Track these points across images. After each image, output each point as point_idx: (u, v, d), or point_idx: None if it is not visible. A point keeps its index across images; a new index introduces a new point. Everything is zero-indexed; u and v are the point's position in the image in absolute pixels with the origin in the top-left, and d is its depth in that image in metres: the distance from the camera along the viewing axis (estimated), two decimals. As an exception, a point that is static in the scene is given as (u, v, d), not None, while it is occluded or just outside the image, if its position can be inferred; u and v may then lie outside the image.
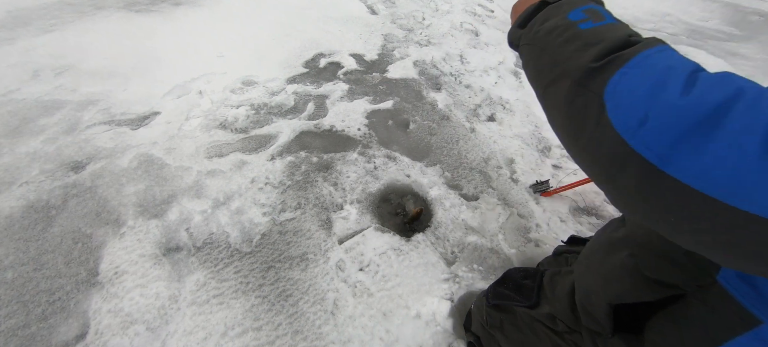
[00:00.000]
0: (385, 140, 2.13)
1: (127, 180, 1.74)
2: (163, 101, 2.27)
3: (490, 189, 1.89)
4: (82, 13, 3.19)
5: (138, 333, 1.25)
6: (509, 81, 2.89)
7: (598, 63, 0.39)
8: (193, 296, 1.35)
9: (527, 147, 2.21)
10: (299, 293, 1.38)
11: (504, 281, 0.95)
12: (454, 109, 2.47)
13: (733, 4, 5.54)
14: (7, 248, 1.44)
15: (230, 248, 1.50)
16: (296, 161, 1.91)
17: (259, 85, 2.48)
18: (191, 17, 3.28)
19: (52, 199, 1.64)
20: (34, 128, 1.99)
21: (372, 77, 2.71)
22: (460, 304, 1.38)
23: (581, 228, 1.75)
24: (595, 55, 0.40)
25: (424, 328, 1.31)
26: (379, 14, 3.79)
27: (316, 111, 2.30)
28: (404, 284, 1.43)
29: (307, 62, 2.80)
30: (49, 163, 1.80)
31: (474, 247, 1.59)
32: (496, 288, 0.95)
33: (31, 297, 1.31)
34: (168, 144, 1.95)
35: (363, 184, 1.82)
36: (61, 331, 1.24)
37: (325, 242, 1.55)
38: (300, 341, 1.26)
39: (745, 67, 3.63)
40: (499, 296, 0.92)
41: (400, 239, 1.58)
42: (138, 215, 1.60)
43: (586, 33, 0.43)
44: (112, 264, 1.42)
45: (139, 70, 2.52)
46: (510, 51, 3.35)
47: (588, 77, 0.39)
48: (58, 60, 2.55)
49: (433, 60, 3.04)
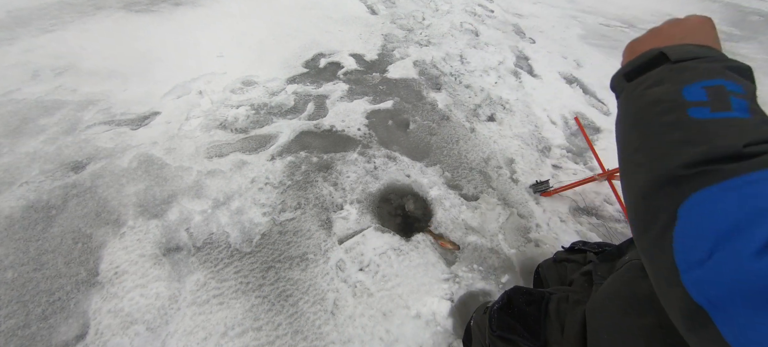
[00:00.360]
0: (385, 140, 2.13)
1: (127, 180, 1.74)
2: (163, 101, 2.27)
3: (490, 189, 1.89)
4: (82, 13, 3.19)
5: (138, 333, 1.25)
6: (509, 81, 2.89)
7: (689, 171, 0.32)
8: (193, 296, 1.35)
9: (527, 147, 2.21)
10: (299, 293, 1.38)
11: (508, 305, 0.89)
12: (454, 109, 2.47)
13: (733, 4, 5.54)
14: (7, 248, 1.44)
15: (230, 248, 1.50)
16: (296, 161, 1.92)
17: (259, 86, 2.48)
18: (191, 17, 3.28)
19: (52, 199, 1.64)
20: (34, 128, 1.99)
21: (372, 77, 2.71)
22: (460, 304, 1.38)
23: (581, 228, 1.75)
24: (689, 161, 0.32)
25: (424, 328, 1.31)
26: (379, 14, 3.79)
27: (316, 111, 2.30)
28: (404, 284, 1.43)
29: (307, 62, 2.80)
30: (49, 163, 1.80)
31: (474, 247, 1.59)
32: (500, 314, 0.89)
33: (31, 297, 1.31)
34: (168, 144, 1.95)
35: (363, 184, 1.82)
36: (61, 331, 1.24)
37: (325, 242, 1.55)
38: (300, 341, 1.26)
39: (745, 67, 3.63)
40: (504, 326, 0.87)
41: (400, 240, 1.58)
42: (138, 215, 1.60)
43: (695, 125, 0.34)
44: (112, 264, 1.42)
45: (139, 70, 2.52)
46: (510, 51, 3.35)
47: (671, 183, 0.33)
48: (58, 60, 2.55)
49: (433, 60, 3.04)
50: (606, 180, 1.79)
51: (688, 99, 0.35)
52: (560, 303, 0.81)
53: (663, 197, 0.33)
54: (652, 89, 0.39)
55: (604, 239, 1.72)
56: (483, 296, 1.43)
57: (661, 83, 0.39)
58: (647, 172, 0.35)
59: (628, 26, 4.38)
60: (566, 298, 0.81)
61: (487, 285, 1.46)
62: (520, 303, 0.88)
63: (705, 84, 0.35)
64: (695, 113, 0.34)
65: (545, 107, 2.61)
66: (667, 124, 0.36)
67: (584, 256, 1.04)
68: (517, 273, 1.52)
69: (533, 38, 3.72)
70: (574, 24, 4.21)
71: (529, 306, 0.85)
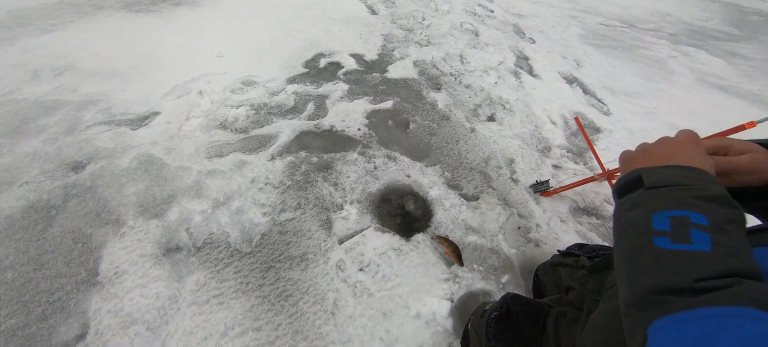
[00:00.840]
0: (385, 140, 2.13)
1: (127, 180, 1.74)
2: (163, 101, 2.27)
3: (490, 189, 1.89)
4: (82, 13, 3.19)
5: (138, 333, 1.25)
6: (509, 81, 2.89)
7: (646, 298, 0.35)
8: (193, 296, 1.35)
9: (527, 147, 2.21)
10: (299, 293, 1.38)
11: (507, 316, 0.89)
12: (454, 109, 2.47)
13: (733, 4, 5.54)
14: (7, 248, 1.44)
15: (230, 249, 1.50)
16: (296, 161, 1.91)
17: (259, 86, 2.48)
18: (191, 17, 3.28)
19: (52, 199, 1.64)
20: (34, 128, 1.99)
21: (372, 77, 2.71)
22: (460, 304, 1.38)
23: (581, 228, 1.75)
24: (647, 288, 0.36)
25: (424, 328, 1.31)
26: (379, 14, 3.79)
27: (316, 111, 2.30)
28: (404, 284, 1.43)
29: (307, 62, 2.80)
30: (49, 163, 1.80)
31: (474, 247, 1.59)
32: (497, 326, 0.89)
33: (31, 297, 1.31)
34: (168, 144, 1.95)
35: (363, 184, 1.82)
36: (61, 331, 1.24)
37: (325, 242, 1.55)
38: (300, 341, 1.26)
39: (745, 67, 3.63)
40: (499, 339, 0.87)
41: (400, 240, 1.58)
42: (138, 215, 1.59)
43: (656, 254, 0.37)
44: (112, 263, 1.42)
45: (139, 70, 2.52)
46: (510, 51, 3.35)
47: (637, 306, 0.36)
48: (58, 60, 2.55)
49: (433, 60, 3.04)
50: (606, 180, 1.79)
51: (654, 227, 0.38)
52: (559, 318, 0.81)
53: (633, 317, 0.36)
54: (629, 212, 0.43)
55: (604, 239, 1.72)
56: (483, 296, 1.43)
57: (636, 207, 0.42)
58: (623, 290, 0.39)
59: (628, 26, 4.38)
60: (564, 314, 0.81)
61: (487, 285, 1.46)
62: (519, 313, 0.87)
63: (671, 214, 0.38)
64: (658, 242, 0.37)
65: (545, 107, 2.61)
66: (636, 249, 0.39)
67: (577, 260, 1.04)
68: (517, 273, 1.52)
69: (533, 38, 3.72)
70: (574, 24, 4.21)
71: (527, 319, 0.85)
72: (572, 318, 0.79)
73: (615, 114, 2.63)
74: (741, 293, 0.31)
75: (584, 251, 1.08)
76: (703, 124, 2.58)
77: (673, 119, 2.64)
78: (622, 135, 2.40)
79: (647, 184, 0.43)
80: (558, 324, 0.80)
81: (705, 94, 3.05)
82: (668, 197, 0.40)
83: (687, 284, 0.33)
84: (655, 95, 2.93)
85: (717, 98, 3.00)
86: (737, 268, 0.34)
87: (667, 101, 2.86)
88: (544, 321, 0.82)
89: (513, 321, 0.87)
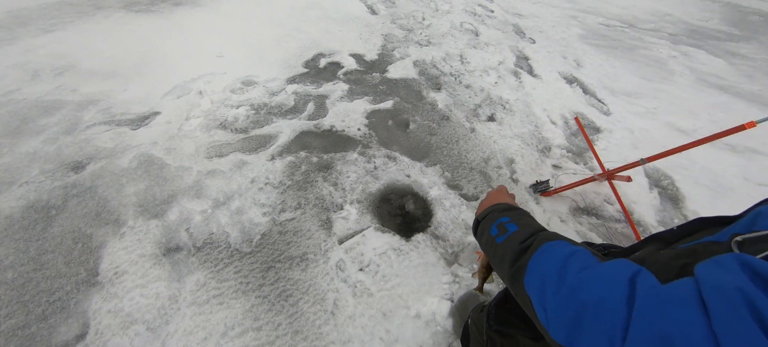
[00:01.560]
0: (385, 140, 2.13)
1: (127, 180, 1.74)
2: (163, 101, 2.27)
3: (490, 189, 1.88)
4: (82, 13, 3.19)
5: (138, 333, 1.25)
6: (509, 81, 2.89)
7: (512, 269, 0.56)
8: (193, 296, 1.35)
9: (527, 147, 2.21)
10: (299, 293, 1.38)
11: (506, 301, 0.91)
12: (454, 109, 2.47)
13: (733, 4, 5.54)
14: (7, 248, 1.44)
15: (230, 249, 1.50)
16: (296, 161, 1.91)
17: (259, 86, 2.48)
18: (191, 17, 3.28)
19: (52, 199, 1.64)
20: (34, 128, 1.99)
21: (372, 77, 2.71)
22: (460, 304, 1.38)
23: (581, 228, 1.75)
24: (509, 267, 0.57)
25: (424, 328, 1.31)
26: (379, 14, 3.79)
27: (316, 111, 2.30)
28: (404, 284, 1.43)
29: (307, 62, 2.80)
30: (49, 163, 1.80)
31: (474, 247, 1.59)
32: (498, 311, 0.91)
33: (31, 297, 1.31)
34: (168, 144, 1.95)
35: (363, 184, 1.82)
36: (61, 331, 1.24)
37: (325, 242, 1.55)
38: (300, 341, 1.26)
39: (745, 67, 3.63)
40: (501, 321, 0.88)
41: (400, 240, 1.58)
42: (138, 215, 1.59)
43: (501, 246, 0.61)
44: (112, 263, 1.42)
45: (139, 70, 2.52)
46: (510, 51, 3.35)
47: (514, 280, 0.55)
48: (58, 60, 2.55)
49: (433, 60, 3.04)
50: (606, 180, 1.79)
51: (492, 234, 0.65)
52: None
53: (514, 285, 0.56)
54: (482, 236, 0.70)
55: (604, 239, 1.72)
56: (483, 295, 1.43)
57: (484, 232, 0.69)
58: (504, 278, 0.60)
59: (628, 26, 4.38)
60: None
61: (487, 284, 1.46)
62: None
63: (496, 223, 0.66)
64: (498, 240, 0.63)
65: (545, 107, 2.61)
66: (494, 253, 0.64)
67: None
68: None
69: (533, 38, 3.72)
70: (574, 24, 4.21)
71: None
72: None
73: (615, 114, 2.63)
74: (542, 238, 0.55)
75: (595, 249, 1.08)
76: (703, 124, 2.58)
77: (673, 119, 2.64)
78: (622, 135, 2.40)
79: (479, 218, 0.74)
80: None
81: (705, 94, 3.05)
82: (490, 219, 0.69)
83: (517, 247, 0.57)
84: (655, 95, 2.93)
85: (717, 98, 3.00)
86: (534, 229, 0.60)
87: (667, 101, 2.86)
88: None
89: (513, 304, 0.88)
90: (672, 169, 2.11)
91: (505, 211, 0.68)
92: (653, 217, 1.86)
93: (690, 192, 2.00)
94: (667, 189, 2.04)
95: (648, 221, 1.83)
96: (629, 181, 1.78)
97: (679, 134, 2.47)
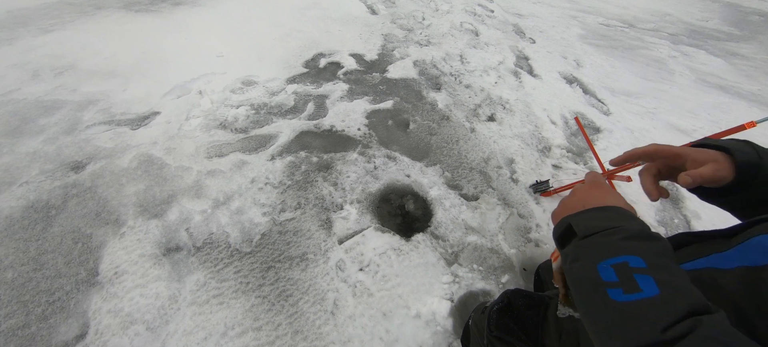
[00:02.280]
0: (385, 140, 2.13)
1: (127, 180, 1.74)
2: (163, 100, 2.27)
3: (490, 189, 1.89)
4: (81, 13, 3.19)
5: (138, 333, 1.25)
6: (509, 81, 2.89)
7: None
8: (193, 296, 1.35)
9: (527, 147, 2.21)
10: (299, 293, 1.38)
11: (508, 308, 0.90)
12: (454, 109, 2.47)
13: (733, 4, 5.54)
14: (7, 248, 1.44)
15: (230, 248, 1.50)
16: (296, 161, 1.91)
17: (259, 85, 2.48)
18: (191, 17, 3.28)
19: (52, 199, 1.64)
20: (34, 128, 1.99)
21: (372, 77, 2.71)
22: (460, 304, 1.38)
23: (581, 228, 1.75)
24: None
25: (424, 328, 1.31)
26: (379, 14, 3.79)
27: (316, 111, 2.30)
28: (404, 284, 1.43)
29: (307, 62, 2.80)
30: (49, 163, 1.80)
31: (474, 247, 1.59)
32: (499, 317, 0.90)
33: (31, 297, 1.31)
34: (168, 144, 1.95)
35: (363, 184, 1.82)
36: (61, 331, 1.24)
37: (325, 242, 1.55)
38: (300, 341, 1.26)
39: (745, 67, 3.63)
40: (502, 329, 0.88)
41: (400, 240, 1.58)
42: (138, 215, 1.59)
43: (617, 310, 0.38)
44: (112, 263, 1.42)
45: (139, 70, 2.52)
46: (510, 51, 3.35)
47: None
48: (58, 60, 2.55)
49: (433, 60, 3.04)
50: (606, 180, 1.79)
51: (603, 279, 0.40)
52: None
53: None
54: (574, 264, 0.45)
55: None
56: (483, 296, 1.43)
57: (578, 260, 0.45)
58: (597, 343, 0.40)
59: (628, 26, 4.38)
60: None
61: (487, 285, 1.46)
62: (520, 306, 0.88)
63: (612, 262, 0.41)
64: (614, 295, 0.39)
65: (545, 106, 2.61)
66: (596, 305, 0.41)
67: None
68: (517, 273, 1.52)
69: (533, 38, 3.72)
70: (574, 24, 4.21)
71: (529, 310, 0.86)
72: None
73: (615, 114, 2.63)
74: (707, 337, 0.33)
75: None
76: (703, 124, 2.58)
77: (673, 119, 2.64)
78: (622, 135, 2.40)
79: (579, 234, 0.47)
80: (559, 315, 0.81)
81: (705, 94, 3.05)
82: (601, 244, 0.44)
83: (657, 337, 0.35)
84: (655, 95, 2.93)
85: (717, 98, 3.00)
86: (690, 305, 0.36)
87: (667, 101, 2.86)
88: (545, 312, 0.83)
89: (515, 313, 0.88)
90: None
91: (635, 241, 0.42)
92: (653, 217, 1.86)
93: (690, 192, 2.00)
94: (667, 189, 2.04)
95: (648, 221, 1.83)
96: (629, 181, 1.78)
97: (679, 134, 2.47)
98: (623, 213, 0.48)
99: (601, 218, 0.47)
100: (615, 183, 1.83)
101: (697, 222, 1.85)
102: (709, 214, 1.86)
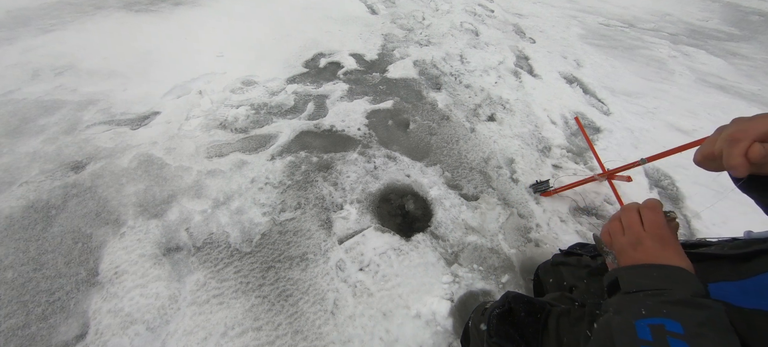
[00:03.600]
0: (385, 140, 2.13)
1: (127, 180, 1.74)
2: (163, 100, 2.27)
3: (490, 189, 1.89)
4: (81, 13, 3.19)
5: (138, 333, 1.25)
6: (509, 81, 2.89)
7: None
8: (193, 296, 1.35)
9: (527, 147, 2.21)
10: (299, 293, 1.38)
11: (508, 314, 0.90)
12: (454, 109, 2.47)
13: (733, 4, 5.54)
14: (7, 248, 1.44)
15: (230, 248, 1.50)
16: (296, 161, 1.91)
17: (259, 85, 2.48)
18: (191, 17, 3.28)
19: (52, 199, 1.64)
20: (34, 128, 1.99)
21: (372, 77, 2.71)
22: (460, 304, 1.38)
23: (581, 228, 1.75)
24: None
25: (424, 328, 1.31)
26: (379, 14, 3.79)
27: (316, 111, 2.30)
28: (404, 284, 1.43)
29: (307, 62, 2.80)
30: (49, 163, 1.80)
31: (474, 247, 1.59)
32: (499, 323, 0.90)
33: (31, 297, 1.31)
34: (168, 144, 1.95)
35: (363, 184, 1.82)
36: (61, 331, 1.24)
37: (325, 242, 1.55)
38: (300, 341, 1.26)
39: (745, 67, 3.63)
40: (501, 334, 0.88)
41: (400, 239, 1.58)
42: (138, 215, 1.59)
43: None
44: (112, 264, 1.42)
45: (139, 70, 2.52)
46: (510, 51, 3.35)
47: None
48: (57, 60, 2.55)
49: (433, 60, 3.04)
50: (606, 180, 1.79)
51: (639, 336, 0.41)
52: (560, 317, 0.81)
53: None
54: (616, 316, 0.46)
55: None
56: (483, 296, 1.43)
57: (619, 313, 0.46)
58: None
59: (628, 26, 4.38)
60: (567, 312, 0.81)
61: (487, 285, 1.46)
62: (520, 311, 0.88)
63: (649, 322, 0.41)
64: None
65: (545, 106, 2.61)
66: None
67: (579, 259, 1.04)
68: (517, 273, 1.52)
69: (533, 38, 3.72)
70: (574, 24, 4.21)
71: (529, 317, 0.86)
72: (575, 317, 0.79)
73: (615, 114, 2.63)
74: None
75: (586, 250, 1.07)
76: (703, 124, 2.58)
77: (673, 118, 2.64)
78: (622, 135, 2.40)
79: (623, 289, 0.48)
80: (560, 322, 0.81)
81: (705, 94, 3.05)
82: (642, 303, 0.44)
83: None
84: (655, 95, 2.93)
85: (717, 98, 3.00)
86: None
87: (667, 101, 2.86)
88: (546, 320, 0.83)
89: (515, 319, 0.87)
90: (672, 169, 2.11)
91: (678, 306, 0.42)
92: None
93: (690, 192, 2.00)
94: (667, 189, 2.04)
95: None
96: (629, 181, 1.78)
97: (679, 134, 2.47)
98: (676, 275, 0.46)
99: (650, 277, 0.47)
100: (615, 183, 1.83)
101: (697, 222, 1.85)
102: (710, 214, 1.86)
